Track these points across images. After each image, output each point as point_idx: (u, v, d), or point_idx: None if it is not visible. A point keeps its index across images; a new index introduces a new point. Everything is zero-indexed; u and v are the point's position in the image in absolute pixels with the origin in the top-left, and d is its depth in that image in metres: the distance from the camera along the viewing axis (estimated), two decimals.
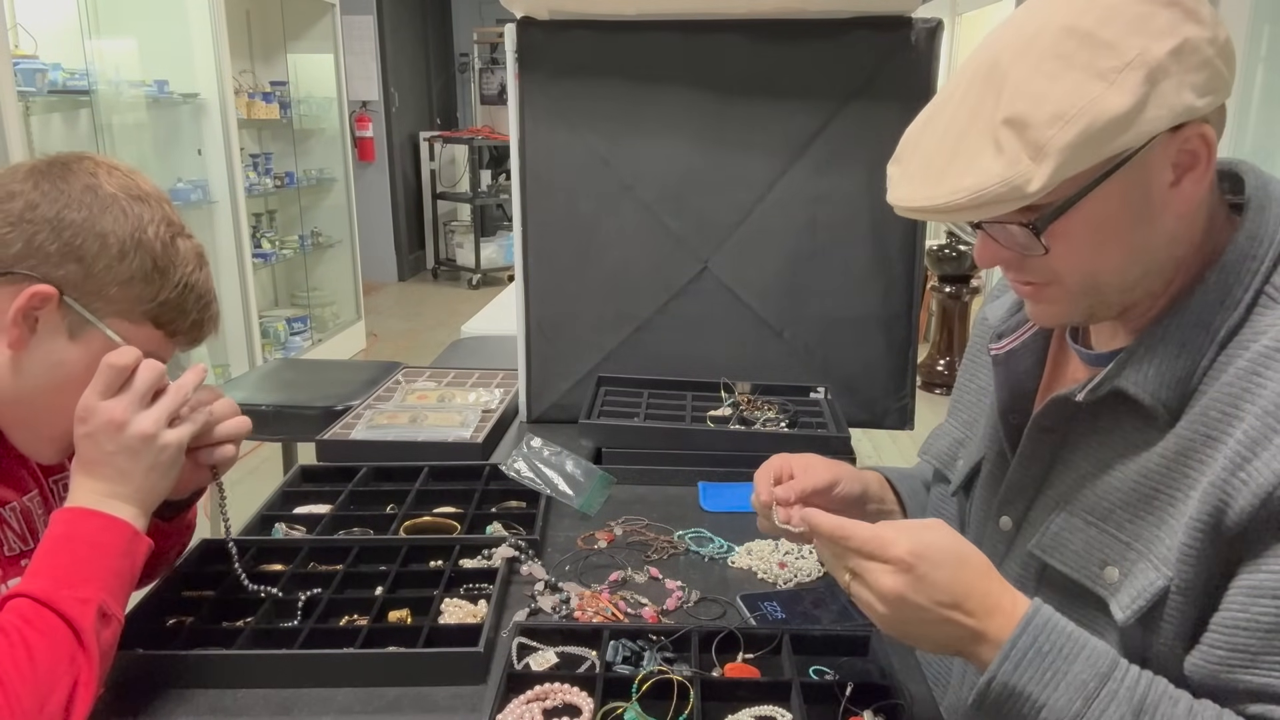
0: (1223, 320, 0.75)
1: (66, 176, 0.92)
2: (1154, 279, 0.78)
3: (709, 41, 1.62)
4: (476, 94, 8.62)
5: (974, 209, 0.72)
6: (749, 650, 0.97)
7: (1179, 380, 0.76)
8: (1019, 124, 0.69)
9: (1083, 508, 0.82)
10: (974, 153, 0.72)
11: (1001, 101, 0.71)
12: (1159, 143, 0.71)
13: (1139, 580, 0.76)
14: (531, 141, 1.67)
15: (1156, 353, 0.77)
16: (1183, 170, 0.73)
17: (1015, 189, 0.69)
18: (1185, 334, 0.76)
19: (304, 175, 5.49)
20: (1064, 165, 0.68)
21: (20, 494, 0.98)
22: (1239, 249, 0.76)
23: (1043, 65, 0.70)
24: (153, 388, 0.92)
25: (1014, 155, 0.69)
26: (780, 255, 1.70)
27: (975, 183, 0.71)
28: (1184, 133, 0.72)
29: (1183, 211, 0.75)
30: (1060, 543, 0.83)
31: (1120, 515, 0.79)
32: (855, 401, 1.75)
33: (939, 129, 0.77)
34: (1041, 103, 0.69)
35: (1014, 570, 0.88)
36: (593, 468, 1.30)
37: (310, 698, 0.92)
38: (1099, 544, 0.80)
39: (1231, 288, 0.75)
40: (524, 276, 1.74)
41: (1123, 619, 0.76)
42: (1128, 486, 0.79)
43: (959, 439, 1.05)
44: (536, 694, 0.89)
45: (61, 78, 3.39)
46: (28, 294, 0.88)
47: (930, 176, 0.75)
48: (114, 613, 0.86)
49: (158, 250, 0.93)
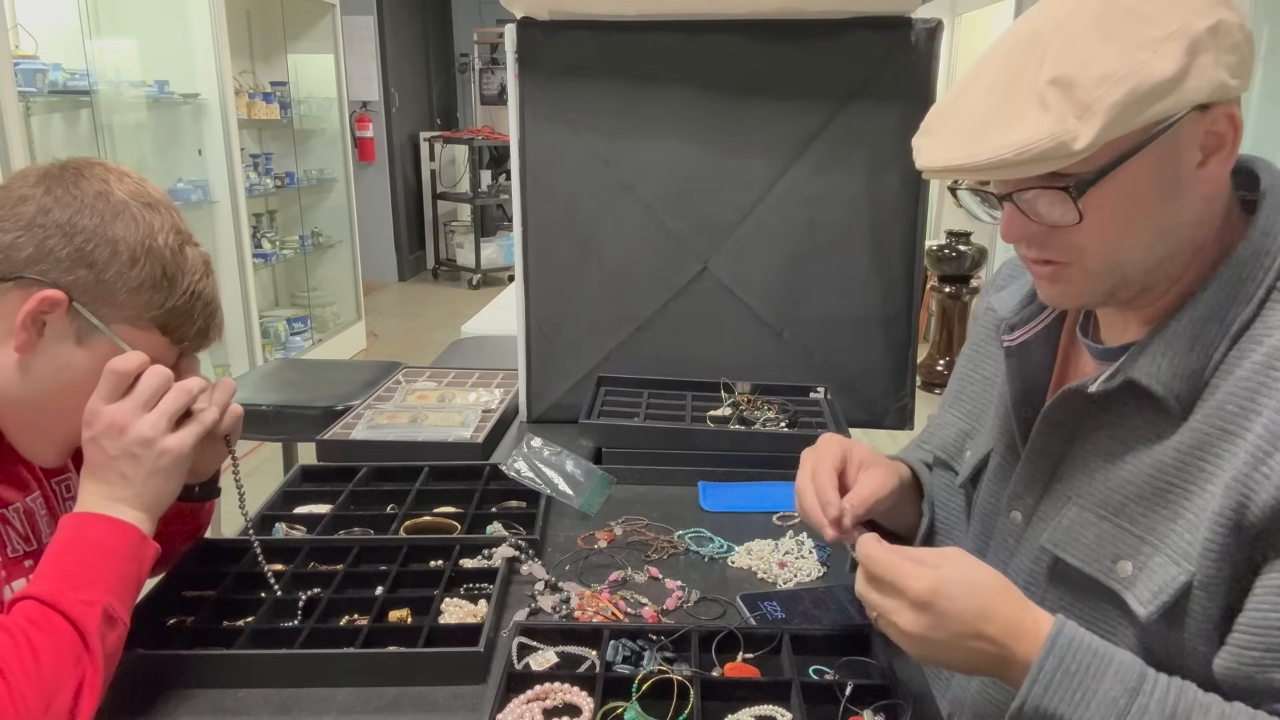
0: (1236, 314, 0.76)
1: (78, 182, 0.92)
2: (1174, 262, 0.79)
3: (709, 41, 1.62)
4: (476, 94, 8.62)
5: (1018, 165, 0.72)
6: (749, 650, 0.97)
7: (1192, 373, 0.76)
8: (1066, 84, 0.70)
9: (1094, 501, 0.82)
10: (1017, 112, 0.72)
11: (1046, 64, 0.71)
12: (1189, 121, 0.72)
13: (1159, 575, 0.76)
14: (531, 141, 1.67)
15: (1170, 345, 0.77)
16: (1209, 152, 0.75)
17: (1062, 145, 0.70)
18: (1198, 327, 0.77)
19: (304, 175, 5.49)
20: (1111, 125, 0.69)
21: (23, 494, 0.98)
22: (1253, 244, 0.77)
23: (1087, 33, 0.71)
24: (157, 393, 0.92)
25: (1060, 113, 0.70)
26: (780, 255, 1.70)
27: (1022, 138, 0.71)
28: (1212, 113, 0.73)
29: (1208, 193, 0.77)
30: (1072, 537, 0.83)
31: (1133, 509, 0.79)
32: (855, 401, 1.75)
33: (974, 97, 0.77)
34: (1089, 65, 0.70)
35: (1025, 565, 0.88)
36: (593, 468, 1.30)
37: (310, 698, 0.92)
38: (1111, 538, 0.80)
39: (1245, 282, 0.76)
40: (524, 276, 1.75)
41: (1145, 614, 0.76)
42: (1140, 480, 0.79)
43: (964, 430, 1.04)
44: (536, 694, 0.89)
45: (62, 78, 3.39)
46: (37, 298, 0.88)
47: (970, 137, 0.74)
48: (120, 616, 0.86)
49: (167, 258, 0.94)
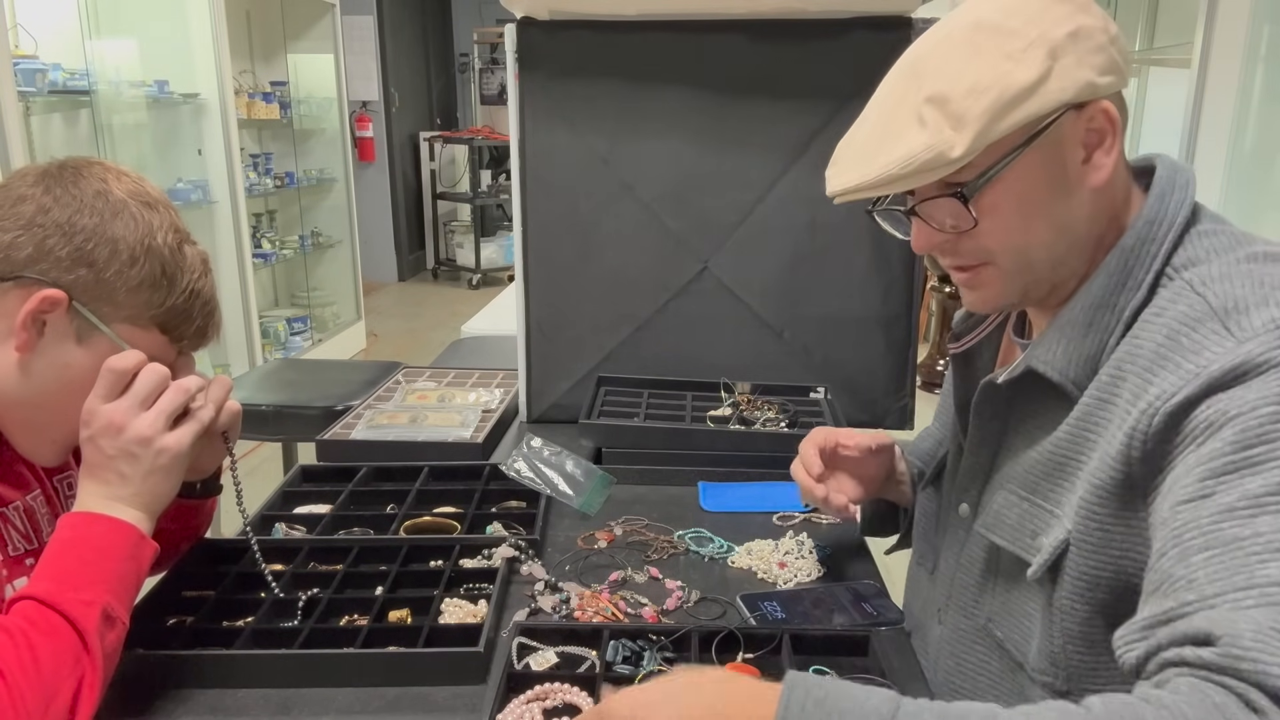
0: (1127, 301, 0.80)
1: (77, 181, 0.92)
2: (1078, 256, 0.84)
3: (709, 41, 1.62)
4: (476, 94, 8.61)
5: (905, 178, 0.79)
6: (749, 650, 0.97)
7: (1087, 358, 0.81)
8: (940, 100, 0.77)
9: (1017, 484, 0.87)
10: (900, 132, 0.80)
11: (924, 86, 0.79)
12: (1067, 120, 0.78)
13: (1050, 538, 0.81)
14: (531, 141, 1.67)
15: (1063, 333, 0.82)
16: (1092, 147, 0.80)
17: (940, 155, 0.77)
18: (1090, 315, 0.81)
19: (304, 175, 5.49)
20: (983, 131, 0.76)
21: (23, 493, 0.98)
22: (1138, 232, 0.81)
23: (957, 53, 0.79)
24: (154, 391, 0.92)
25: (937, 126, 0.77)
26: (780, 255, 1.70)
27: (905, 153, 0.78)
28: (1089, 111, 0.79)
29: (1096, 185, 0.81)
30: (1000, 519, 0.88)
31: (1044, 486, 0.84)
32: (855, 402, 1.75)
33: (868, 126, 0.84)
34: (959, 80, 0.77)
35: (976, 554, 0.93)
36: (593, 468, 1.30)
37: (310, 698, 0.92)
38: (1030, 515, 0.85)
39: (1133, 269, 0.81)
40: (524, 276, 1.74)
41: (1029, 574, 0.81)
42: (1046, 458, 0.84)
43: (939, 438, 1.10)
44: (536, 694, 0.89)
45: (62, 78, 3.38)
46: (37, 298, 0.88)
47: (864, 160, 0.82)
48: (119, 615, 0.86)
49: (166, 257, 0.94)
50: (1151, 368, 0.74)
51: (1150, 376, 0.74)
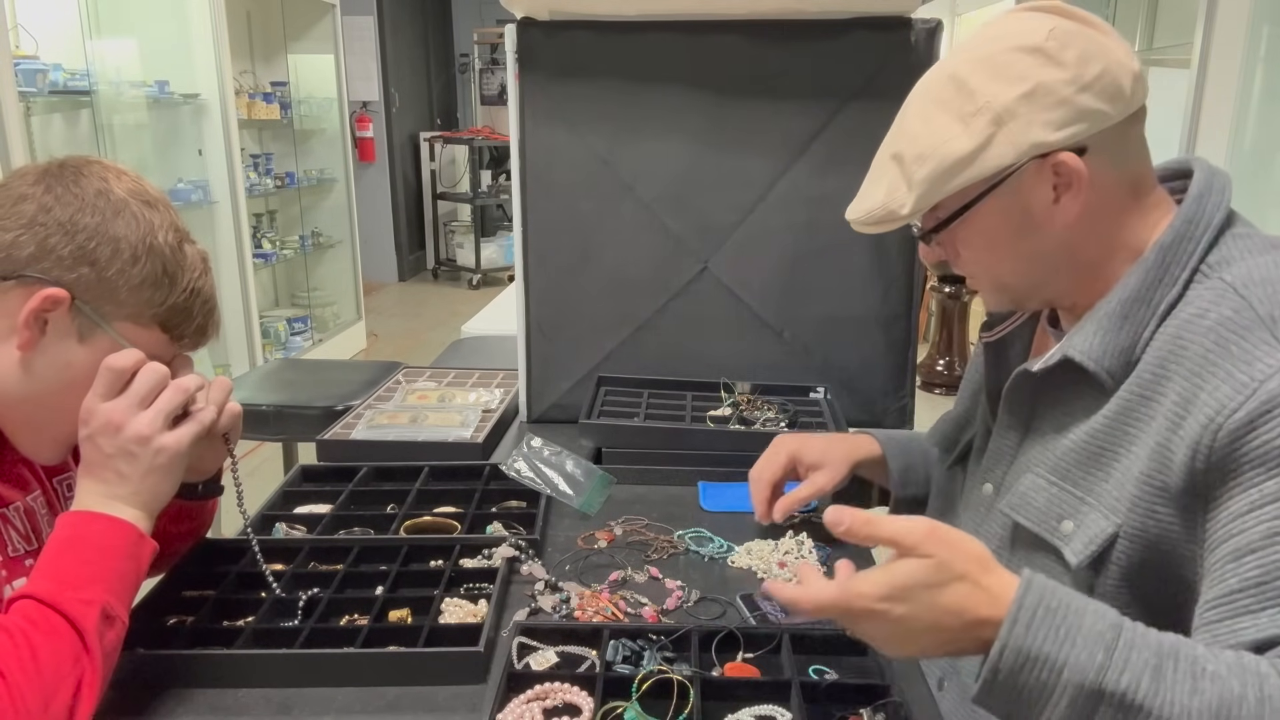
0: (1163, 296, 0.83)
1: (78, 180, 0.92)
2: (1065, 279, 0.89)
3: (709, 42, 1.62)
4: (476, 94, 8.61)
5: (869, 225, 0.90)
6: (749, 650, 0.97)
7: (1122, 350, 0.84)
8: (899, 159, 0.87)
9: (1046, 469, 0.90)
10: (874, 180, 0.90)
11: (898, 138, 0.88)
12: (1032, 168, 0.83)
13: (1091, 528, 0.83)
14: (531, 141, 1.67)
15: (1100, 325, 0.85)
16: (1062, 190, 0.84)
17: (891, 213, 0.87)
18: (1127, 308, 0.84)
19: (304, 175, 5.50)
20: (925, 195, 0.85)
21: (23, 493, 0.98)
22: (1175, 231, 0.84)
23: (924, 109, 0.86)
24: (154, 390, 0.92)
25: (894, 184, 0.87)
26: (780, 255, 1.70)
27: (869, 204, 0.89)
28: (1052, 159, 0.82)
29: (1069, 222, 0.85)
30: (1026, 501, 0.90)
31: (1075, 474, 0.87)
32: (855, 401, 1.75)
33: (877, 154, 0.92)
34: (914, 142, 0.85)
35: (995, 531, 0.95)
36: (593, 468, 1.30)
37: (310, 698, 0.92)
38: (1058, 500, 0.87)
39: (1170, 266, 0.83)
40: (524, 276, 1.75)
41: (1076, 563, 0.83)
42: (1079, 446, 0.87)
43: (959, 419, 1.13)
44: (536, 693, 0.89)
45: (62, 78, 3.39)
46: (40, 297, 0.88)
47: (859, 197, 0.93)
48: (118, 614, 0.86)
49: (167, 255, 0.94)
50: (1200, 372, 0.76)
51: (1200, 381, 0.76)
